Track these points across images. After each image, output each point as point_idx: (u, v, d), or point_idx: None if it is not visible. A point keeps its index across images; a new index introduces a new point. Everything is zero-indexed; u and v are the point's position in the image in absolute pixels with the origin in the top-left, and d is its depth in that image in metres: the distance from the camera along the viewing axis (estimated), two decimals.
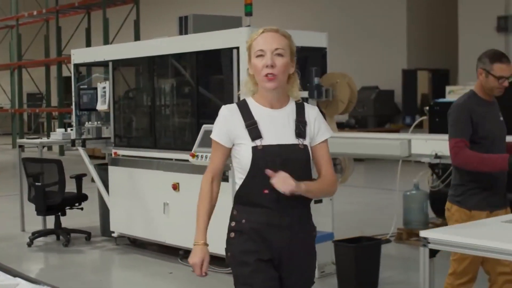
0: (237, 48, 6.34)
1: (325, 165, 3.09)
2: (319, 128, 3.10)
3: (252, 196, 3.00)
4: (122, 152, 7.76)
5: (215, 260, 6.26)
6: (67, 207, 8.14)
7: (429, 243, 2.85)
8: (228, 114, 3.07)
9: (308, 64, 6.72)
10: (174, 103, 7.51)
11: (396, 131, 17.57)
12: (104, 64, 8.08)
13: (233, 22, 7.14)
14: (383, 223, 8.42)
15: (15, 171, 8.39)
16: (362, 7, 22.10)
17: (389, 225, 8.02)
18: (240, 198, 3.05)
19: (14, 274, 2.88)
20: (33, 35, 25.84)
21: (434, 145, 5.36)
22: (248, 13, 6.58)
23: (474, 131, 4.23)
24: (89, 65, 8.37)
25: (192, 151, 6.41)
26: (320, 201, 6.95)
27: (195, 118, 6.95)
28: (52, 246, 8.09)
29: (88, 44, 22.08)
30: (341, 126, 19.49)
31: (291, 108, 3.10)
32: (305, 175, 3.00)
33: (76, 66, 8.39)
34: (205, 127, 6.45)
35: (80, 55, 8.43)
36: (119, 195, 7.77)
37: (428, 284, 2.91)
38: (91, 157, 9.34)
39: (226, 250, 3.11)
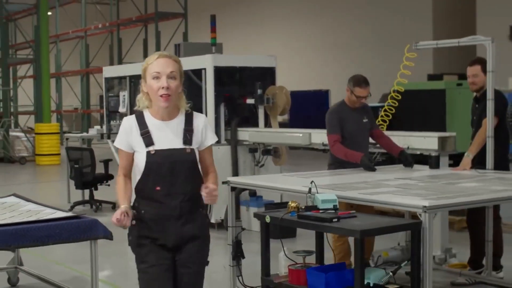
0: (205, 69, 9.02)
1: (210, 166, 3.68)
2: (206, 136, 3.62)
3: (147, 192, 3.54)
4: None
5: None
6: (98, 184, 11.00)
7: (231, 183, 5.48)
8: (128, 126, 3.59)
9: (260, 79, 9.28)
10: None
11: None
12: (124, 77, 10.92)
13: (213, 48, 9.82)
14: None
15: None
16: (392, 19, 24.46)
17: None
18: (138, 193, 3.60)
19: (41, 204, 5.64)
20: (100, 45, 29.23)
21: (323, 137, 7.84)
22: (213, 44, 9.29)
23: (342, 130, 6.11)
24: (115, 79, 11.21)
25: None
26: None
27: None
28: (86, 212, 10.94)
29: (145, 53, 25.14)
30: None
31: (180, 119, 3.59)
32: (191, 173, 3.56)
33: (107, 79, 11.29)
34: None
35: (109, 71, 11.35)
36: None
37: (234, 212, 5.51)
38: None
39: (128, 234, 3.66)
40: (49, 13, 24.00)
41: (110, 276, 7.16)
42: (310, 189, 4.43)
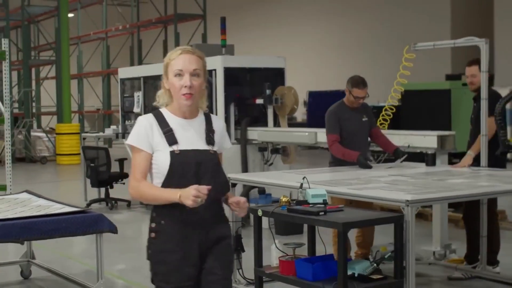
0: (215, 70, 9.27)
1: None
2: (224, 139, 3.46)
3: None
4: None
5: None
6: (114, 182, 11.28)
7: (231, 180, 5.70)
8: (147, 123, 3.32)
9: (269, 80, 9.49)
10: None
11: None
12: (138, 78, 11.18)
13: (223, 49, 10.05)
14: None
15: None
16: (410, 19, 24.58)
17: None
18: None
19: (52, 200, 5.92)
20: (120, 46, 29.65)
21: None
22: (223, 46, 9.54)
23: (341, 129, 6.38)
24: (130, 80, 11.49)
25: None
26: None
27: None
28: (102, 210, 11.21)
29: (165, 54, 25.20)
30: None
31: (201, 118, 3.39)
32: (216, 176, 3.31)
33: (122, 80, 11.58)
34: None
35: (124, 72, 11.63)
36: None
37: None
38: None
39: (147, 247, 3.36)
40: (71, 15, 24.46)
41: (123, 271, 7.40)
42: (301, 184, 4.64)
